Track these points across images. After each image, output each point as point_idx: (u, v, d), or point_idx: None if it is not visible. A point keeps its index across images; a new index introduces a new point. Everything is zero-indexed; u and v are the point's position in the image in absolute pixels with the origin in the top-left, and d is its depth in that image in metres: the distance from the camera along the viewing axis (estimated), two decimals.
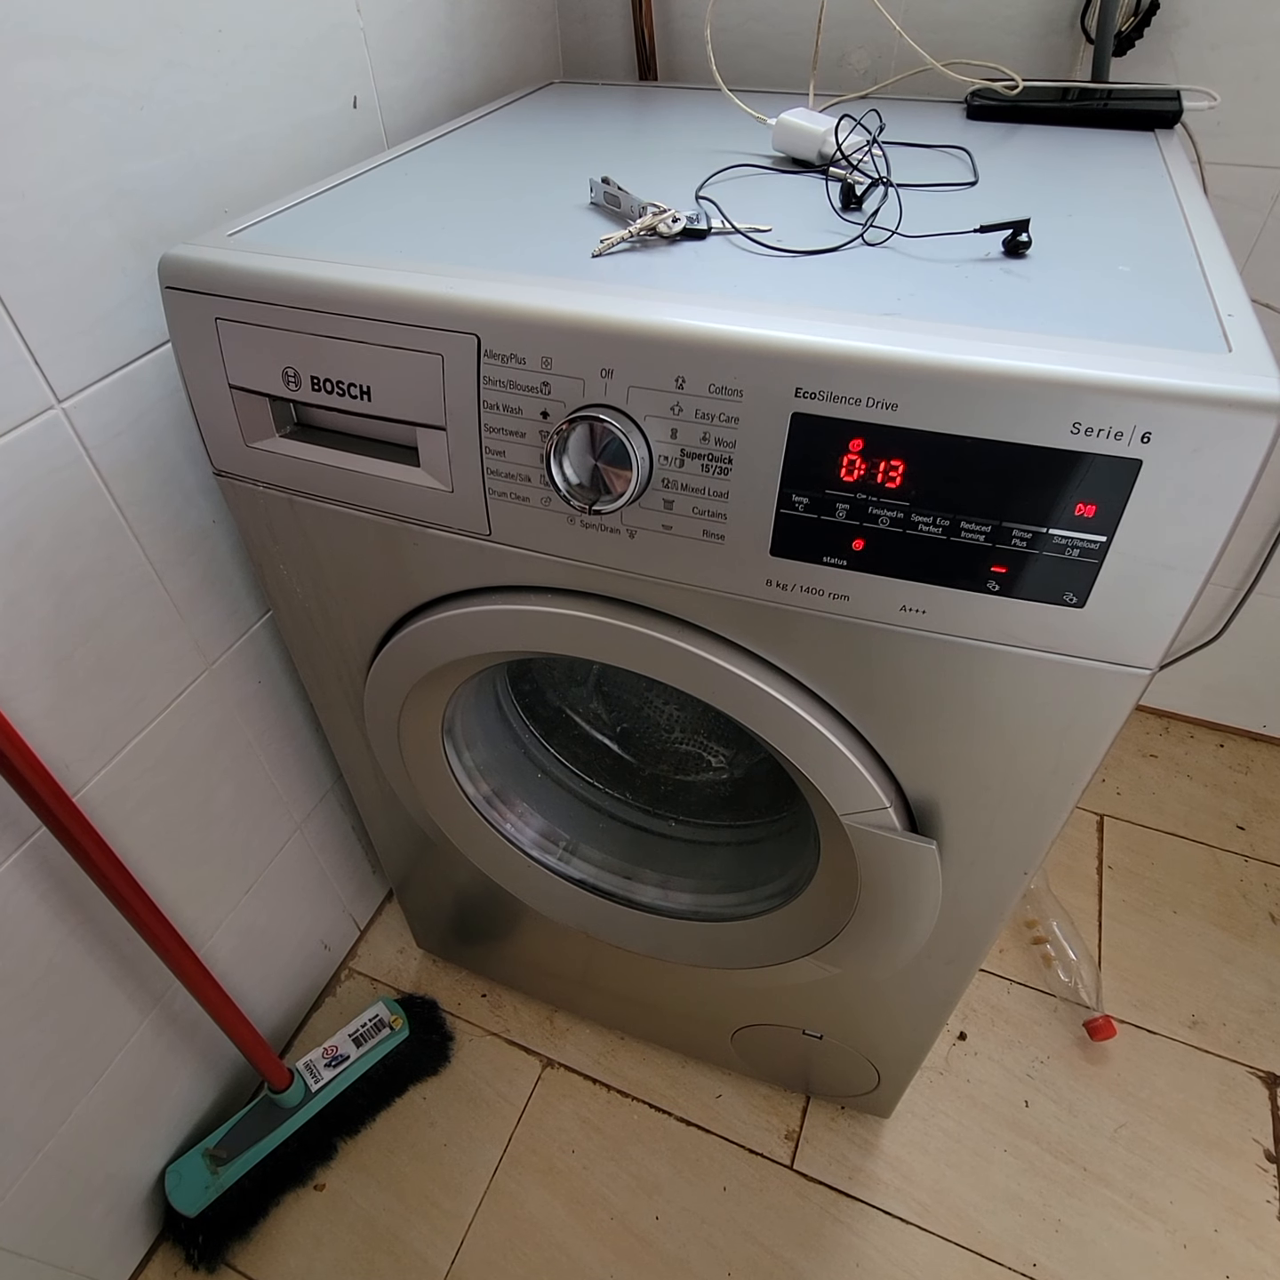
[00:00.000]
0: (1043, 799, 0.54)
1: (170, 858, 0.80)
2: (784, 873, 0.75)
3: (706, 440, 0.45)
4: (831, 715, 0.55)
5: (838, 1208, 0.94)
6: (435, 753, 0.73)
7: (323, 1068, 0.96)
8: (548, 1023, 1.10)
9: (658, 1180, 0.97)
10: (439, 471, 0.52)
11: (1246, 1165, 0.96)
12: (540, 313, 0.45)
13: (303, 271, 0.50)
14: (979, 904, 0.63)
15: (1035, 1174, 0.96)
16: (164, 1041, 0.86)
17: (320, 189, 0.63)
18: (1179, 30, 0.86)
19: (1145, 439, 0.38)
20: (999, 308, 0.44)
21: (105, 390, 0.61)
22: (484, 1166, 0.98)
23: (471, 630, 0.60)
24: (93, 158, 0.56)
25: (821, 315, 0.43)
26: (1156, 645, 0.44)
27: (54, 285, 0.56)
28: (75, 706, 0.67)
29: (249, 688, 0.84)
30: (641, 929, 0.82)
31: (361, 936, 1.19)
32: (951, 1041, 1.06)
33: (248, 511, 0.62)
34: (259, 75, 0.67)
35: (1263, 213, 0.94)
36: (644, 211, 0.54)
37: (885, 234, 0.53)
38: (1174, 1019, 1.08)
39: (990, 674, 0.49)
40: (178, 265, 0.52)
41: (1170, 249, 0.51)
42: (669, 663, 0.55)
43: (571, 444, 0.47)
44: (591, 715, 0.89)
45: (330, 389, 0.52)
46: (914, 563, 0.45)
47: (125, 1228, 0.88)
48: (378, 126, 0.80)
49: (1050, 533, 0.42)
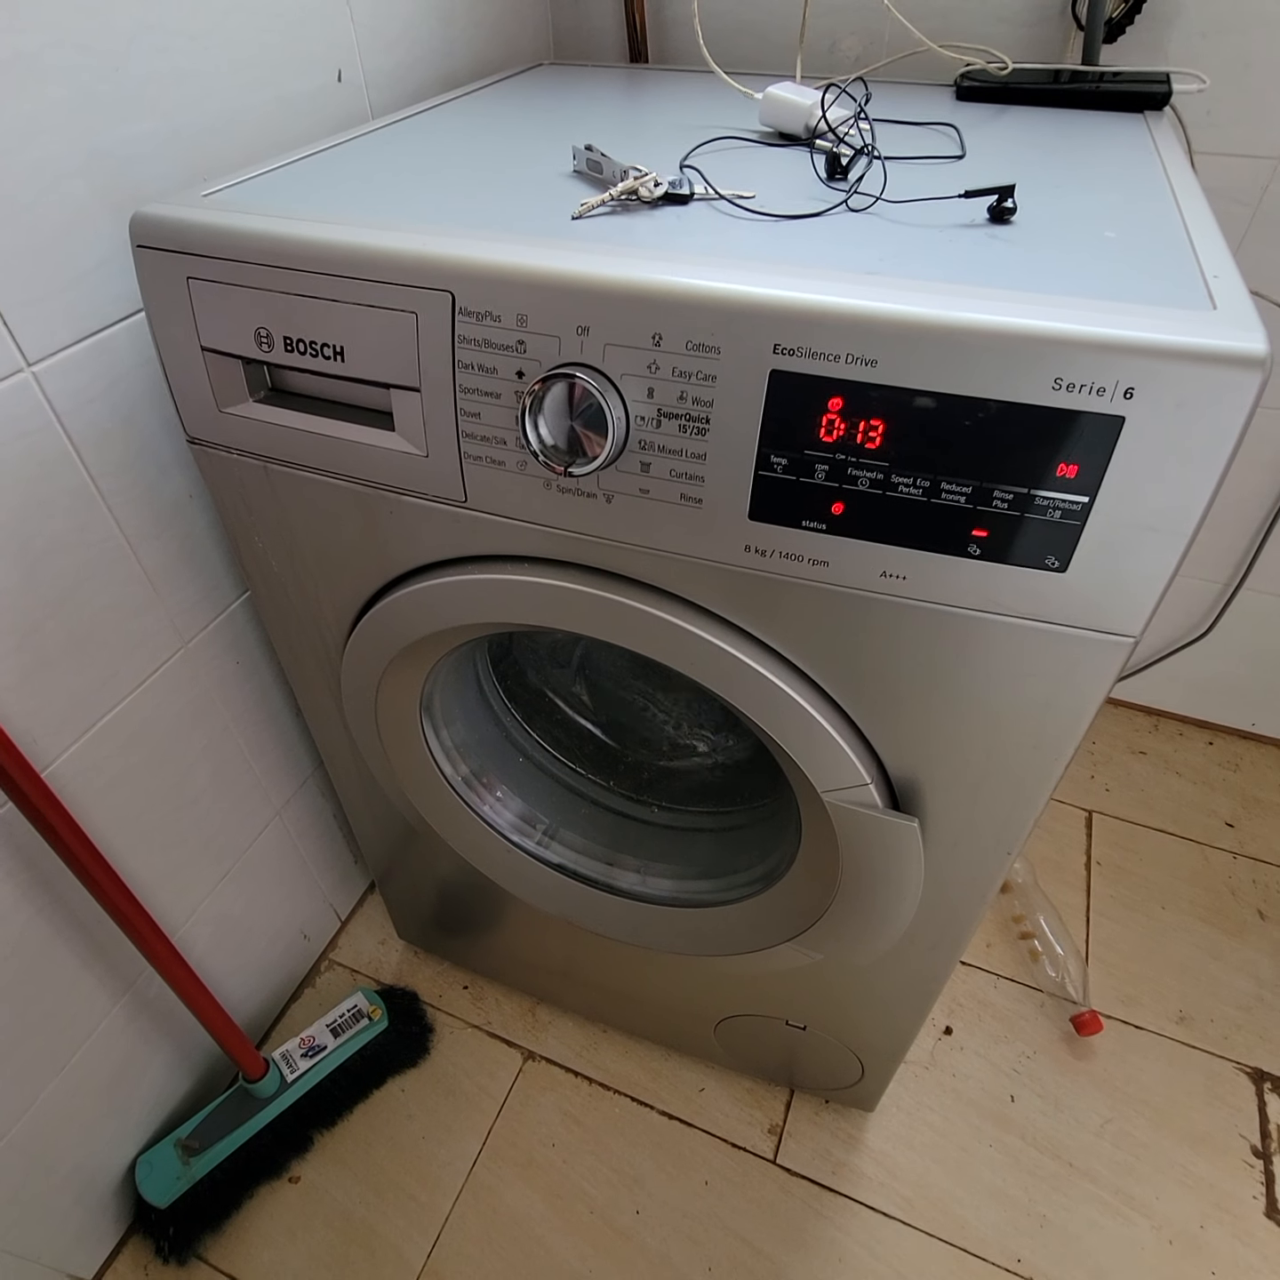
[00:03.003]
0: (1025, 776, 0.53)
1: (144, 839, 0.79)
2: (766, 858, 0.74)
3: (684, 400, 0.44)
4: (812, 688, 0.54)
5: (821, 1202, 0.93)
6: (413, 731, 0.72)
7: (299, 1058, 0.94)
8: (529, 1015, 1.08)
9: (639, 1174, 0.95)
10: (413, 435, 0.51)
11: (1233, 1161, 0.95)
12: (516, 269, 0.44)
13: (275, 229, 0.49)
14: (962, 886, 0.62)
15: (1020, 1169, 0.95)
16: (135, 1029, 0.85)
17: (299, 155, 0.62)
18: (1170, 17, 0.86)
19: (1128, 394, 0.38)
20: (982, 269, 0.44)
21: (78, 355, 0.60)
22: (462, 1160, 0.96)
23: (448, 601, 0.58)
24: (66, 116, 0.55)
25: (800, 272, 0.42)
26: (1139, 612, 0.43)
27: (23, 245, 0.55)
28: (44, 680, 0.65)
29: (227, 668, 0.83)
30: (623, 916, 0.80)
31: (342, 927, 1.17)
32: (937, 1036, 1.05)
33: (222, 481, 0.61)
34: (240, 43, 0.66)
35: (1251, 203, 0.94)
36: (625, 176, 0.53)
37: (869, 200, 0.52)
38: (1161, 1015, 1.07)
39: (972, 643, 0.48)
40: (149, 223, 0.51)
41: (1157, 218, 0.50)
42: (647, 633, 0.54)
43: (547, 404, 0.46)
44: (574, 699, 0.88)
45: (303, 350, 0.51)
46: (894, 526, 0.44)
47: (94, 1218, 0.86)
48: (363, 103, 0.80)
49: (1031, 494, 0.41)
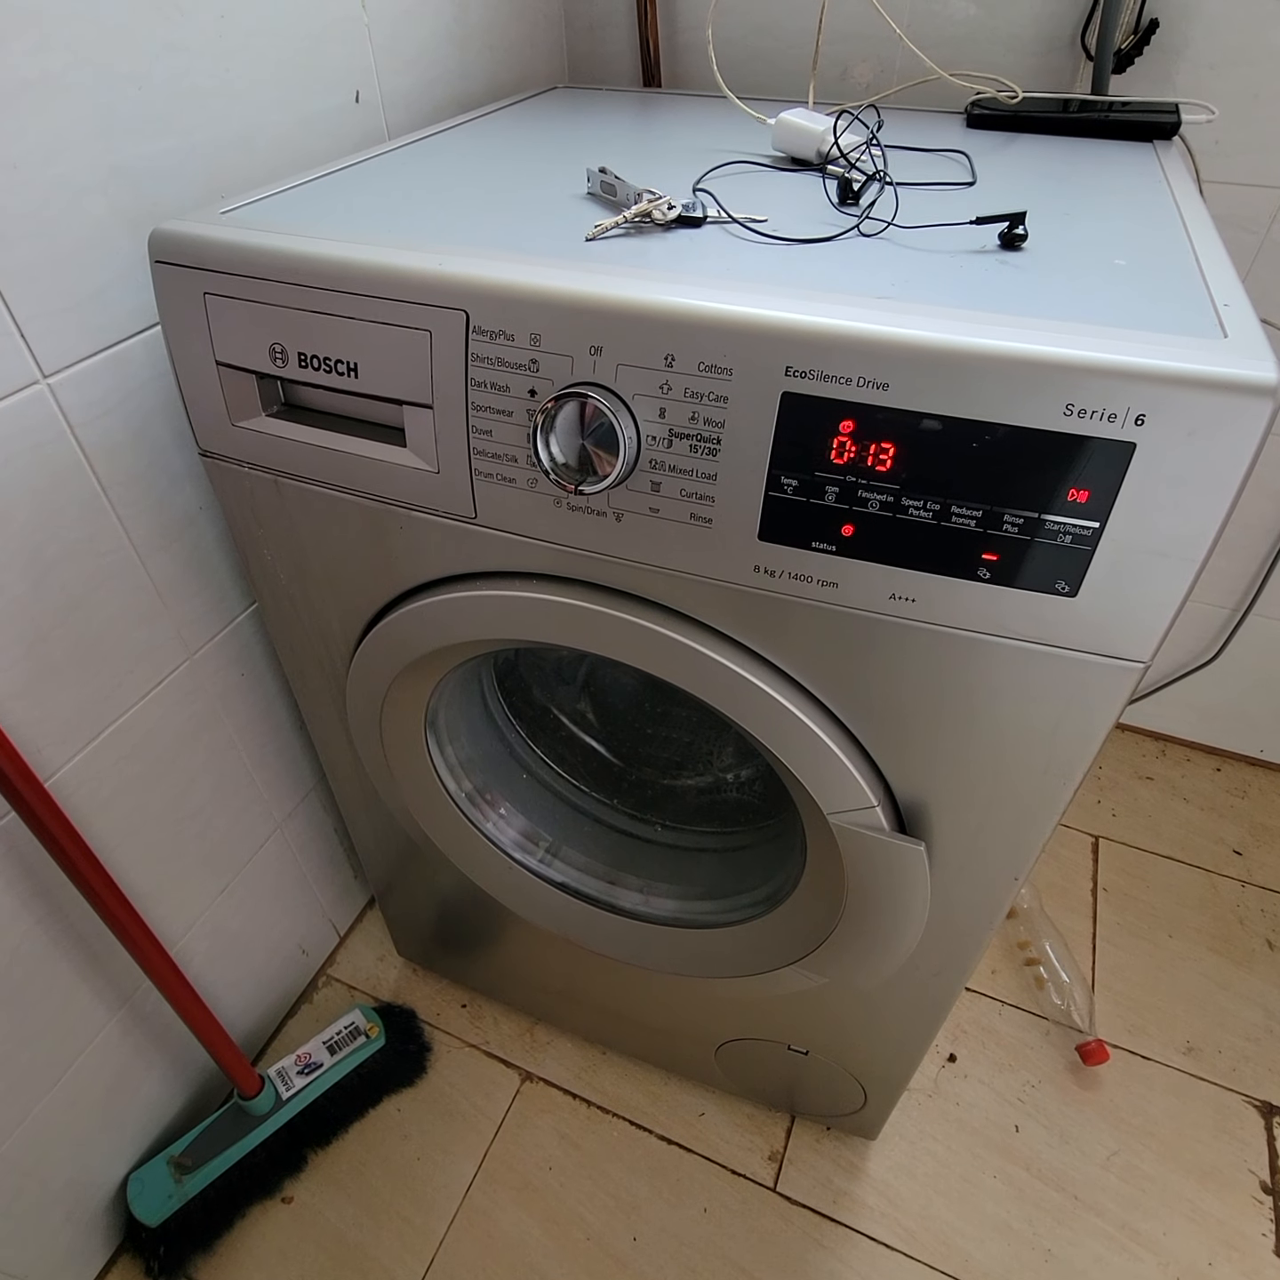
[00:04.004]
0: (1033, 800, 0.53)
1: (144, 851, 0.79)
2: (770, 879, 0.73)
3: (695, 420, 0.44)
4: (819, 709, 0.54)
5: (821, 1232, 0.91)
6: (417, 745, 0.72)
7: (295, 1075, 0.93)
8: (528, 1035, 1.07)
9: (636, 1200, 0.94)
10: (425, 451, 0.52)
11: (1242, 1197, 0.93)
12: (530, 289, 0.45)
13: (292, 246, 0.49)
14: (968, 911, 0.62)
15: (1025, 1201, 0.93)
16: (131, 1043, 0.84)
17: (316, 174, 0.63)
18: (1179, 49, 0.87)
19: (1139, 421, 0.38)
20: (994, 294, 0.44)
21: (93, 368, 0.61)
22: (458, 1182, 0.95)
23: (455, 617, 0.58)
24: (89, 134, 0.56)
25: (813, 296, 0.43)
26: (1150, 637, 0.43)
27: (43, 259, 0.56)
28: (50, 689, 0.65)
29: (232, 680, 0.83)
30: (624, 936, 0.80)
31: (341, 943, 1.16)
32: (941, 1063, 1.04)
33: (232, 493, 0.61)
34: (261, 64, 0.67)
35: (1260, 232, 0.95)
36: (639, 198, 0.54)
37: (881, 225, 0.53)
38: (1168, 1045, 1.05)
39: (980, 666, 0.48)
40: (167, 240, 0.52)
41: (1166, 245, 0.51)
42: (654, 651, 0.54)
43: (559, 422, 0.46)
44: (579, 716, 0.88)
45: (317, 366, 0.51)
46: (904, 549, 0.44)
47: (84, 1236, 0.85)
48: (380, 123, 0.81)
49: (1042, 518, 0.41)
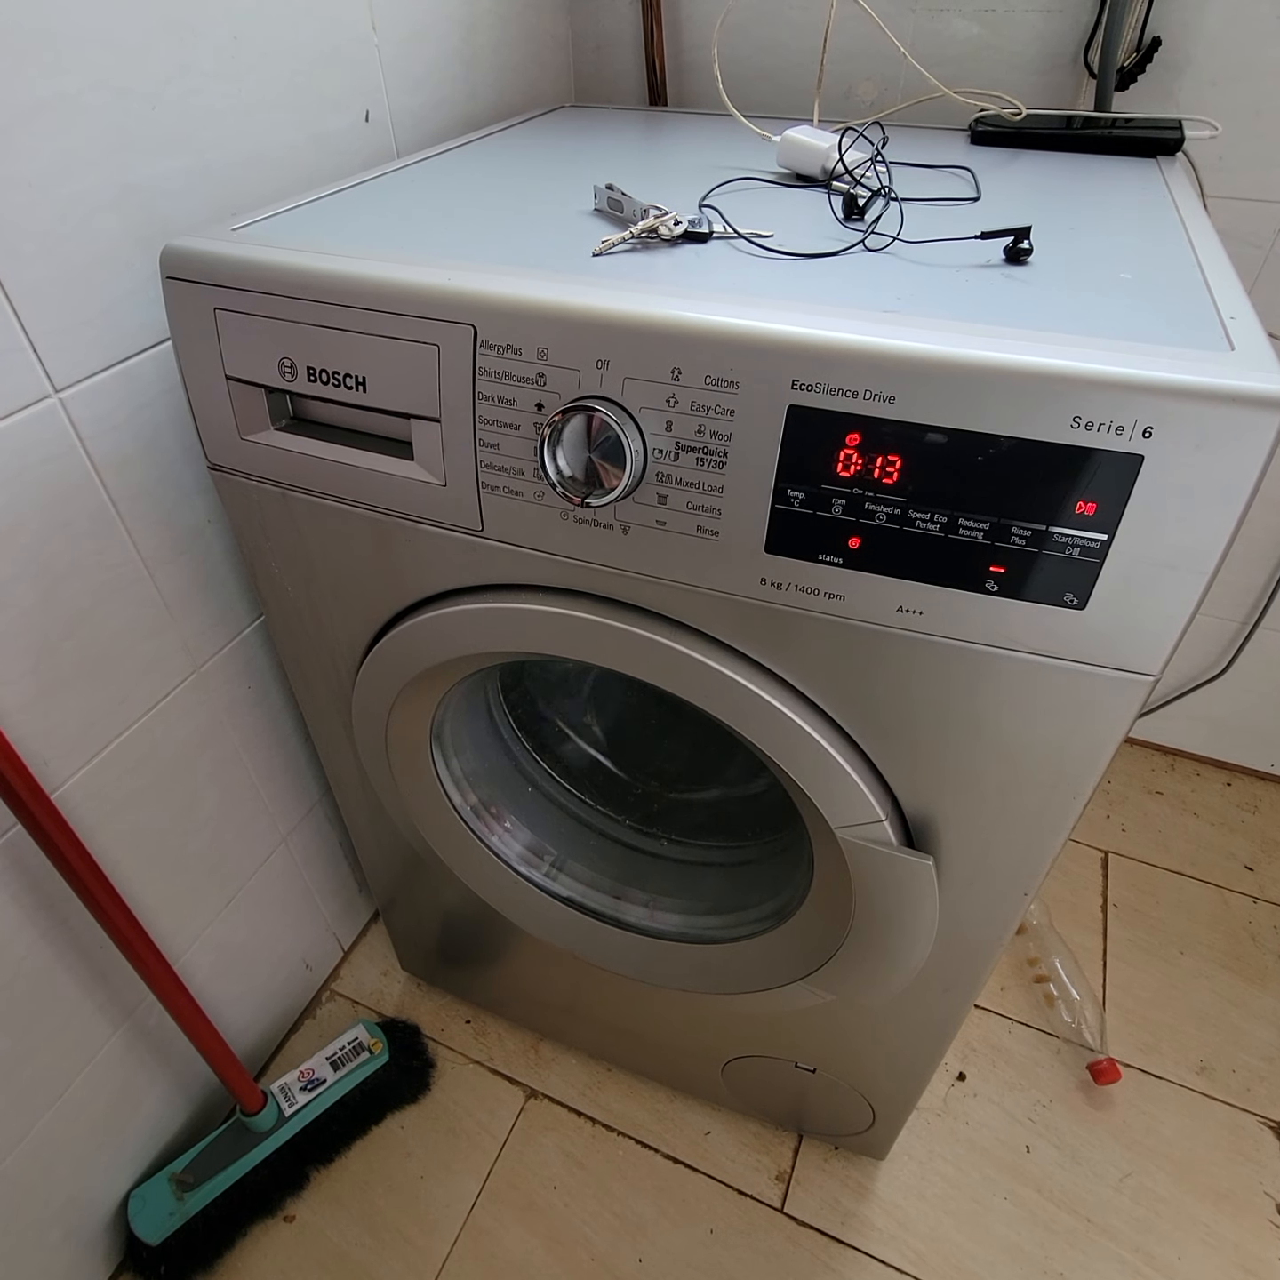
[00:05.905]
0: (1042, 814, 0.52)
1: (149, 864, 0.78)
2: (777, 894, 0.73)
3: (702, 433, 0.45)
4: (827, 723, 0.54)
5: (829, 1254, 0.90)
6: (423, 759, 0.72)
7: (298, 1091, 0.93)
8: (532, 1052, 1.06)
9: (642, 1220, 0.93)
10: (432, 465, 0.52)
11: (1258, 1220, 0.92)
12: (537, 303, 0.45)
13: (301, 262, 0.50)
14: (977, 927, 0.61)
15: (1036, 1224, 0.92)
16: (134, 1057, 0.83)
17: (325, 192, 0.64)
18: (1181, 66, 0.87)
19: (1147, 434, 0.38)
20: (1000, 308, 0.44)
21: (104, 383, 0.61)
22: (461, 1201, 0.94)
23: (461, 629, 0.59)
24: (102, 153, 0.57)
25: (819, 310, 0.43)
26: (1159, 650, 0.43)
27: (56, 275, 0.56)
28: (57, 701, 0.65)
29: (238, 692, 0.83)
30: (630, 951, 0.79)
31: (345, 957, 1.16)
32: (950, 1082, 1.03)
33: (241, 506, 0.62)
34: (272, 84, 0.68)
35: (1264, 246, 0.95)
36: (646, 214, 0.54)
37: (886, 240, 0.53)
38: (1181, 1064, 1.04)
39: (988, 679, 0.47)
40: (178, 256, 0.52)
41: (1172, 259, 0.51)
42: (660, 664, 0.54)
43: (566, 436, 0.46)
44: (585, 729, 0.87)
45: (326, 380, 0.51)
46: (911, 561, 0.44)
47: (84, 1254, 0.84)
48: (389, 142, 0.82)
49: (1050, 531, 0.41)
